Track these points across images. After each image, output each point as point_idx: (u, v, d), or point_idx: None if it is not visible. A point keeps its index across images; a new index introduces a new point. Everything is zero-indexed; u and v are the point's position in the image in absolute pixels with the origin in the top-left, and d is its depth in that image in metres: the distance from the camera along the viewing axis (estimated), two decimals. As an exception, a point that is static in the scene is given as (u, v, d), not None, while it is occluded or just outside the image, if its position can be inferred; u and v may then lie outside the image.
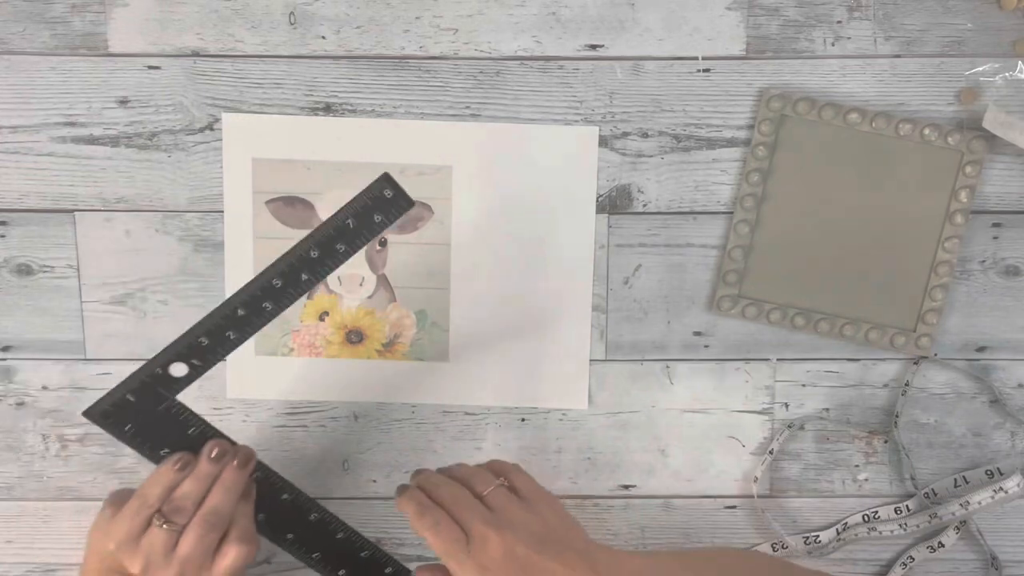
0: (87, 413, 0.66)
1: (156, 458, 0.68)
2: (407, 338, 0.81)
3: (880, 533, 0.82)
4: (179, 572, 0.65)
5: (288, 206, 0.80)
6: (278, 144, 0.79)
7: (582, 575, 0.63)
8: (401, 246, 0.80)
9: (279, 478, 0.72)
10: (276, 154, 0.80)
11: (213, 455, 0.67)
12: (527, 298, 0.81)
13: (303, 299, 0.80)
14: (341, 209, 0.65)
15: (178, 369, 0.66)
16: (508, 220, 0.80)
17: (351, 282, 0.81)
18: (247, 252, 0.80)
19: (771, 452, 0.82)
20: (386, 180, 0.64)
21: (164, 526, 0.65)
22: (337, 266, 0.66)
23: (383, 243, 0.80)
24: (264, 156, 0.80)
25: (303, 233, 0.76)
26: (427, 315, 0.81)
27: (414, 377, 0.82)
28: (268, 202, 0.80)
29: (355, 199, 0.65)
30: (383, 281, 0.81)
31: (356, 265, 0.80)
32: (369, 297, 0.81)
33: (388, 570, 0.76)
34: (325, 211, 0.80)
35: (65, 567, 0.83)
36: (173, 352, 0.65)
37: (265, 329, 0.68)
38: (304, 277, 0.65)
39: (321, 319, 0.81)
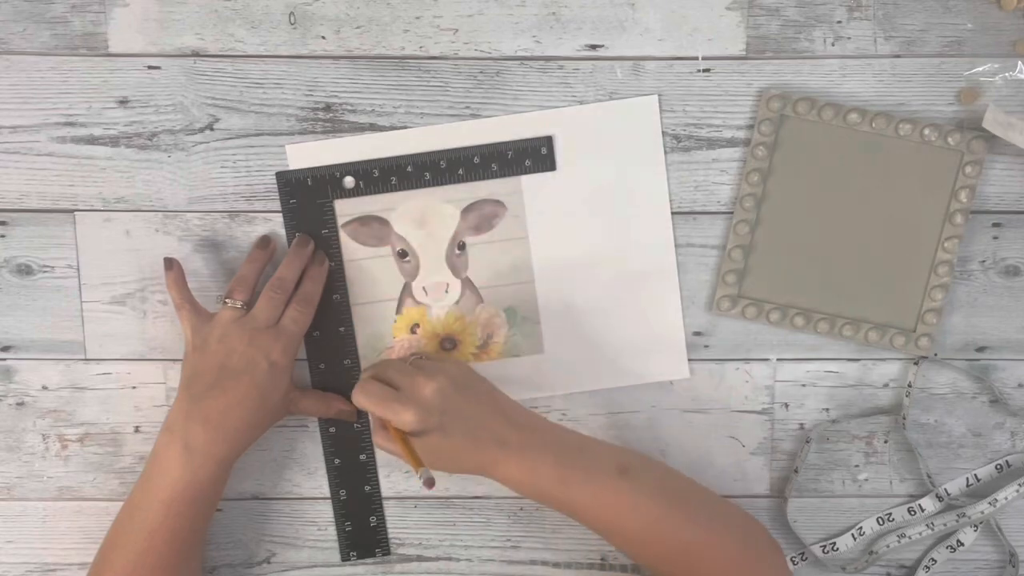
0: (279, 174, 0.79)
1: (291, 236, 0.80)
2: (500, 336, 0.82)
3: (910, 539, 0.82)
4: (251, 329, 0.75)
5: (364, 226, 0.80)
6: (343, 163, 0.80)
7: (496, 423, 0.73)
8: (480, 247, 0.81)
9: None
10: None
11: (262, 244, 0.80)
12: (612, 276, 0.81)
13: (393, 315, 0.81)
14: (506, 142, 0.79)
15: (349, 181, 0.79)
16: (581, 202, 0.81)
17: (437, 290, 0.81)
18: (339, 279, 0.81)
19: (796, 470, 0.82)
20: (547, 140, 0.79)
21: (228, 302, 0.76)
22: (484, 179, 0.80)
23: (462, 247, 0.80)
24: None
25: (383, 250, 0.79)
26: (516, 311, 0.81)
27: (513, 373, 0.82)
28: (344, 225, 0.80)
29: (519, 141, 0.79)
30: (467, 284, 0.81)
31: (439, 273, 0.81)
32: (456, 302, 0.81)
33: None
34: (400, 226, 0.80)
35: (65, 567, 0.83)
36: (352, 168, 0.79)
37: (361, 351, 0.81)
38: (460, 172, 0.79)
39: (413, 331, 0.82)
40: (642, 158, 0.80)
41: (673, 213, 0.81)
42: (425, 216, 0.81)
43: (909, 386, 0.81)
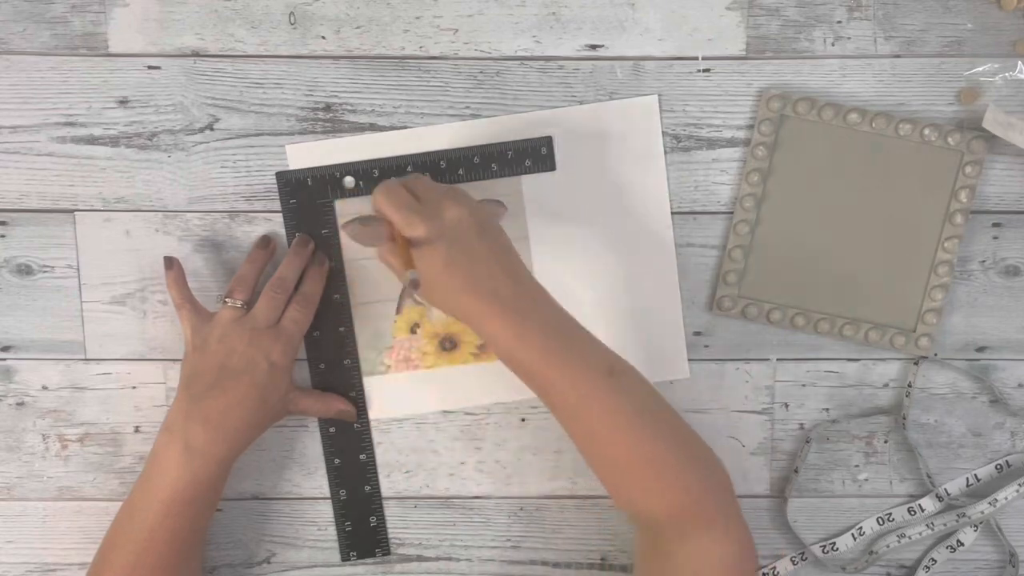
0: (279, 174, 0.79)
1: (291, 236, 0.80)
2: None
3: (910, 539, 0.82)
4: (251, 329, 0.75)
5: (364, 225, 0.80)
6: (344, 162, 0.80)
7: (503, 273, 0.70)
8: None
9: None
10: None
11: (262, 244, 0.80)
12: (612, 276, 0.81)
13: (393, 315, 0.81)
14: (506, 142, 0.79)
15: (349, 181, 0.79)
16: (581, 202, 0.80)
17: None
18: (339, 279, 0.81)
19: (796, 470, 0.82)
20: (547, 140, 0.79)
21: (229, 302, 0.76)
22: (484, 179, 0.80)
23: None
24: None
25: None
26: None
27: (513, 374, 0.81)
28: (344, 225, 0.80)
29: (519, 141, 0.80)
30: None
31: None
32: None
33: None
34: None
35: (65, 567, 0.83)
36: (352, 168, 0.79)
37: (361, 351, 0.81)
38: (460, 172, 0.80)
39: (413, 332, 0.81)
40: (642, 158, 0.80)
41: (673, 213, 0.81)
42: None
43: (909, 386, 0.81)
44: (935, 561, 0.82)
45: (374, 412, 0.82)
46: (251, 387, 0.74)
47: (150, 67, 0.80)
